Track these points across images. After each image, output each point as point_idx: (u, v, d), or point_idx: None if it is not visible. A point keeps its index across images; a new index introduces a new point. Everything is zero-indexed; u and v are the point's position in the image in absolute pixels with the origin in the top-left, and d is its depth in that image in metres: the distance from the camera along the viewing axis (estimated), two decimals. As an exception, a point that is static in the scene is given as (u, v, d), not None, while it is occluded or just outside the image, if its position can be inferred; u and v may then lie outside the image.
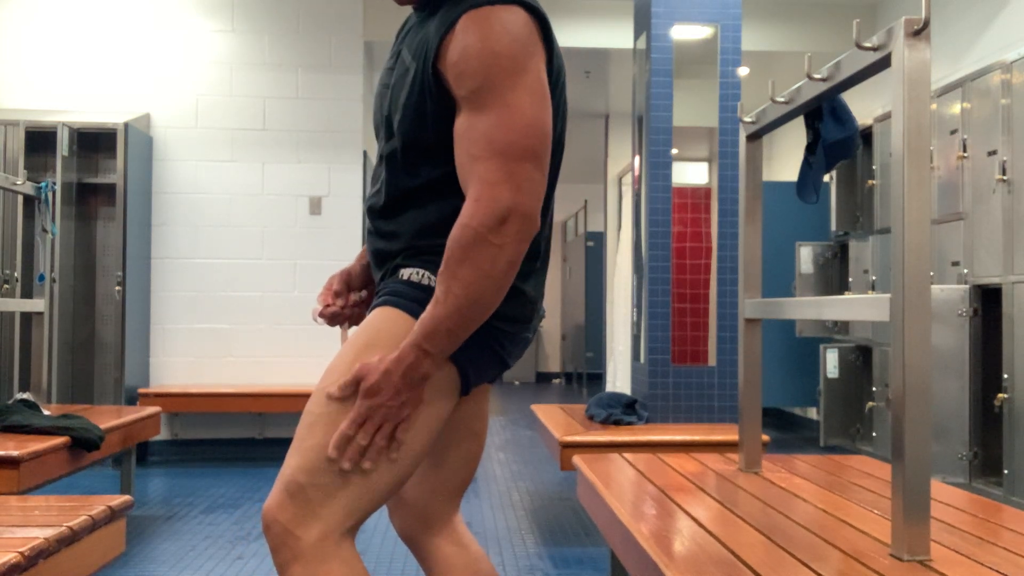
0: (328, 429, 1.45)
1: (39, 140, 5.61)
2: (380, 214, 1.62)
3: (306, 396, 5.66)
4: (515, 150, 1.41)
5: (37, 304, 4.39)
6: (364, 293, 1.82)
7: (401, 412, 1.45)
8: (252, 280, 6.05)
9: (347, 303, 1.80)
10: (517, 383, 12.63)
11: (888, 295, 1.79)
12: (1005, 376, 4.23)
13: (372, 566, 3.49)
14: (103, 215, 5.96)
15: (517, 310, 1.56)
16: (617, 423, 4.00)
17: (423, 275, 1.55)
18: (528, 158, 1.42)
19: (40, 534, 2.00)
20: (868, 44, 1.87)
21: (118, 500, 2.42)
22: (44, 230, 4.42)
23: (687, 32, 4.29)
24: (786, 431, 7.55)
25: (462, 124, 1.45)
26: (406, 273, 1.56)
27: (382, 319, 1.53)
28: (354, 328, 1.79)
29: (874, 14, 6.53)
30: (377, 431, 1.44)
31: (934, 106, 4.83)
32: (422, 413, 1.49)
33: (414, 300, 1.52)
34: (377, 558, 3.60)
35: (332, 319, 1.78)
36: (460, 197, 1.48)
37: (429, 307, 1.44)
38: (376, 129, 1.66)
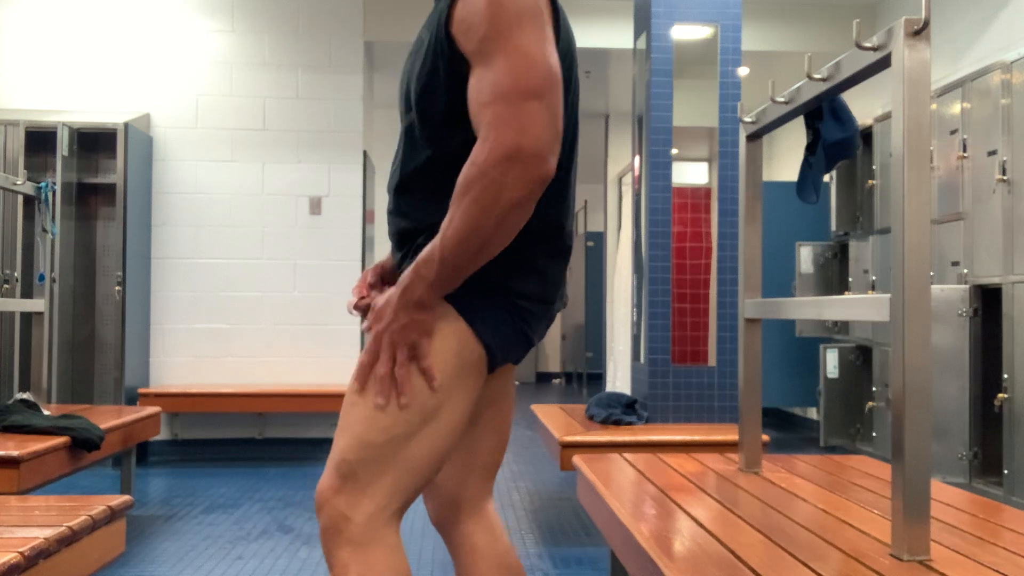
0: (369, 408, 1.49)
1: (39, 140, 5.62)
2: (397, 190, 1.62)
3: (306, 396, 5.66)
4: (519, 91, 1.41)
5: (37, 304, 4.39)
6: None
7: (406, 335, 1.47)
8: (252, 280, 6.05)
9: (382, 295, 1.83)
10: (517, 383, 12.62)
11: (888, 295, 1.79)
12: (1005, 376, 4.23)
13: (372, 566, 3.49)
14: (103, 215, 5.96)
15: (539, 288, 1.58)
16: (617, 423, 4.00)
17: None
18: (533, 97, 1.41)
19: (40, 534, 2.00)
20: (868, 44, 1.87)
21: (118, 500, 2.42)
22: (44, 230, 4.42)
23: (687, 32, 4.29)
24: (786, 431, 7.55)
25: (473, 80, 1.46)
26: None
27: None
28: None
29: (874, 14, 6.53)
30: (392, 360, 1.47)
31: (934, 106, 4.83)
32: (454, 391, 1.51)
33: (460, 296, 1.53)
34: (377, 558, 3.60)
35: (366, 311, 1.79)
36: None
37: (436, 237, 1.46)
38: (401, 116, 1.70)
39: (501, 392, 1.76)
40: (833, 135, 2.53)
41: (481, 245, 1.43)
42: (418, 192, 1.58)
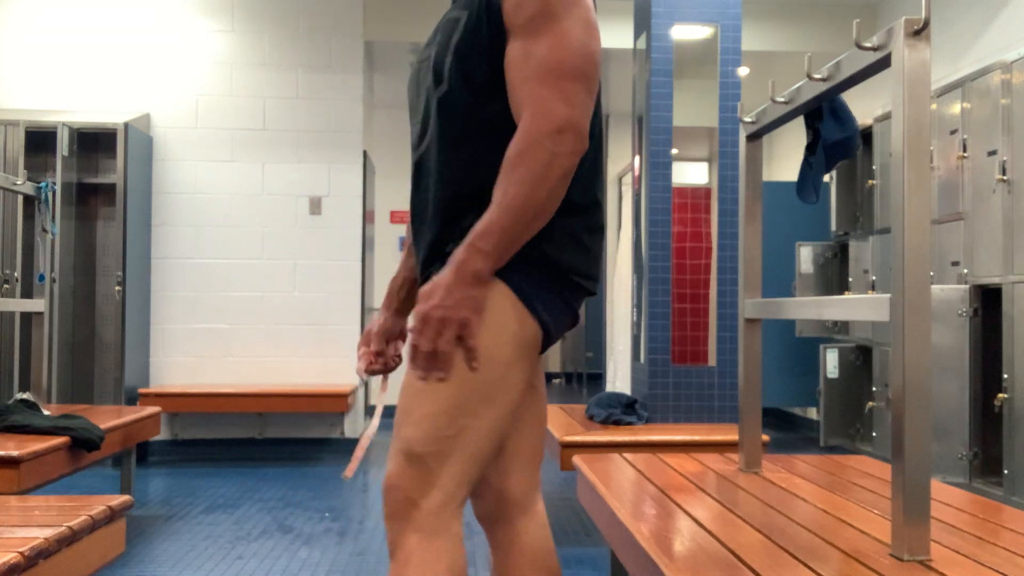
0: (434, 396, 1.49)
1: (39, 140, 5.62)
2: (441, 161, 1.62)
3: (306, 396, 5.66)
4: (566, 70, 1.48)
5: (37, 304, 4.39)
6: (401, 342, 1.88)
7: (458, 311, 1.45)
8: (252, 280, 6.05)
9: (388, 357, 1.85)
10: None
11: (888, 295, 1.79)
12: (1005, 376, 4.23)
13: (374, 564, 3.49)
14: (103, 215, 5.96)
15: (586, 264, 1.61)
16: (617, 423, 4.00)
17: None
18: (579, 78, 1.49)
19: (40, 534, 2.00)
20: (868, 44, 1.87)
21: (118, 500, 2.42)
22: (44, 230, 4.42)
23: (687, 32, 4.29)
24: (786, 431, 7.55)
25: (516, 51, 1.52)
26: (453, 248, 1.57)
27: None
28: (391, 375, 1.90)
29: (874, 14, 6.53)
30: (440, 337, 1.45)
31: (934, 106, 4.83)
32: (512, 371, 1.52)
33: (509, 271, 1.54)
34: (377, 558, 3.60)
35: (375, 373, 1.85)
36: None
37: (489, 209, 1.48)
38: (412, 109, 1.72)
39: (538, 374, 1.78)
40: (833, 135, 2.53)
41: (535, 214, 1.47)
42: (460, 160, 1.59)
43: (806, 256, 6.37)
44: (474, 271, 1.45)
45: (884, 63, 1.85)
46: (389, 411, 8.26)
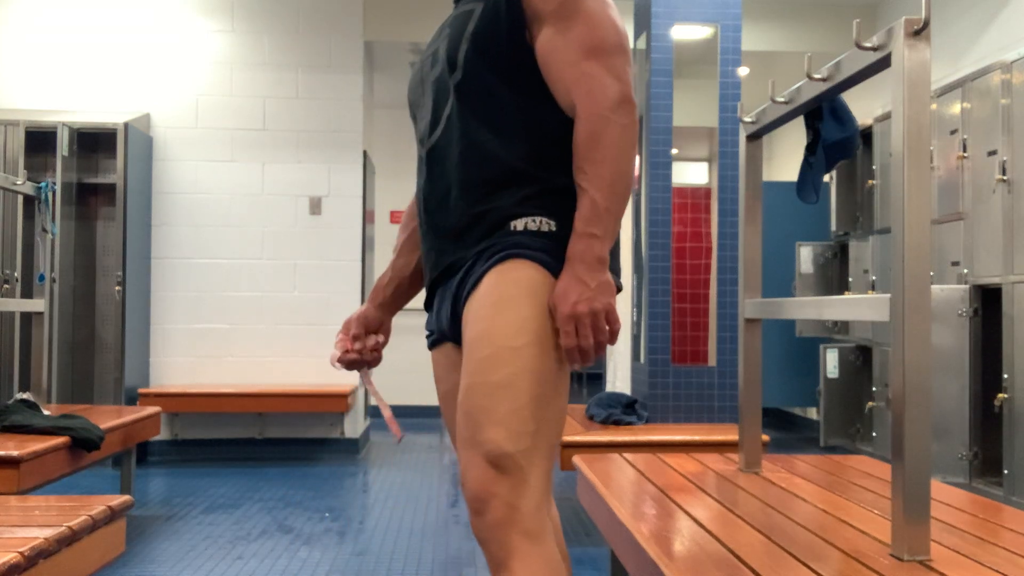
0: (513, 392, 1.46)
1: (39, 140, 5.61)
2: (466, 144, 1.61)
3: (306, 396, 5.66)
4: (608, 47, 1.54)
5: (37, 304, 4.39)
6: (382, 337, 1.85)
7: (600, 300, 1.47)
8: (252, 280, 6.05)
9: (365, 348, 1.83)
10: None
11: (888, 295, 1.79)
12: (1005, 376, 4.23)
13: (374, 565, 3.49)
14: (103, 215, 5.96)
15: (616, 262, 1.62)
16: (617, 423, 4.00)
17: (541, 222, 1.57)
18: (620, 52, 1.55)
19: (40, 534, 2.00)
20: (868, 44, 1.87)
21: (118, 500, 2.42)
22: (44, 230, 4.42)
23: (687, 32, 4.29)
24: (786, 431, 7.55)
25: (551, 40, 1.56)
26: (520, 223, 1.57)
27: (515, 269, 1.53)
28: (374, 371, 1.83)
29: (874, 14, 6.53)
30: (597, 330, 1.47)
31: (934, 106, 4.83)
32: (536, 347, 1.50)
33: (542, 251, 1.55)
34: (377, 558, 3.61)
35: (351, 365, 1.81)
36: (544, 119, 1.57)
37: (580, 200, 1.50)
38: (416, 104, 1.73)
39: None
40: (833, 135, 2.53)
41: (626, 185, 1.51)
42: (488, 141, 1.59)
43: (806, 256, 6.37)
44: (597, 257, 1.48)
45: (884, 63, 1.85)
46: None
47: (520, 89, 1.60)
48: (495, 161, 1.59)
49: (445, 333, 1.69)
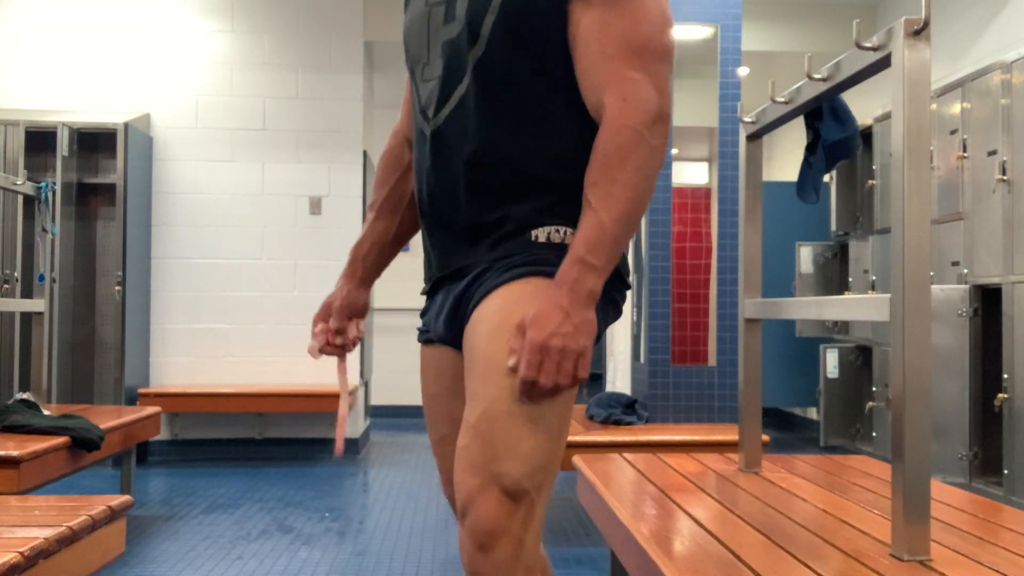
0: (540, 425, 1.35)
1: (39, 140, 5.61)
2: (483, 140, 1.43)
3: (306, 396, 5.66)
4: (654, 49, 1.36)
5: (37, 304, 4.39)
6: (363, 323, 1.71)
7: (577, 340, 1.29)
8: (252, 280, 6.05)
9: (348, 339, 1.69)
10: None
11: (888, 295, 1.79)
12: (1005, 376, 4.23)
13: (374, 565, 3.49)
14: (103, 215, 5.96)
15: (625, 261, 1.52)
16: (617, 423, 4.00)
17: (565, 234, 1.42)
18: (665, 59, 1.37)
19: (40, 534, 2.00)
20: (868, 44, 1.87)
21: (118, 500, 2.42)
22: (44, 230, 4.42)
23: (687, 32, 4.29)
24: (786, 431, 7.55)
25: (592, 21, 1.37)
26: (542, 234, 1.42)
27: (538, 291, 1.36)
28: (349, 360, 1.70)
29: (874, 14, 6.53)
30: (560, 371, 1.29)
31: (934, 106, 4.83)
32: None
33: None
34: (377, 558, 3.61)
35: (331, 354, 1.68)
36: (572, 118, 1.40)
37: (586, 218, 1.32)
38: (415, 58, 1.52)
39: None
40: (833, 135, 2.53)
41: (640, 215, 1.34)
42: (508, 141, 1.42)
43: (806, 256, 6.37)
44: (589, 291, 1.31)
45: (884, 63, 1.85)
46: (379, 410, 8.26)
47: (552, 82, 1.41)
48: (513, 166, 1.43)
49: (442, 336, 1.56)
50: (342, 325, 1.69)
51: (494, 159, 1.43)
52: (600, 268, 1.32)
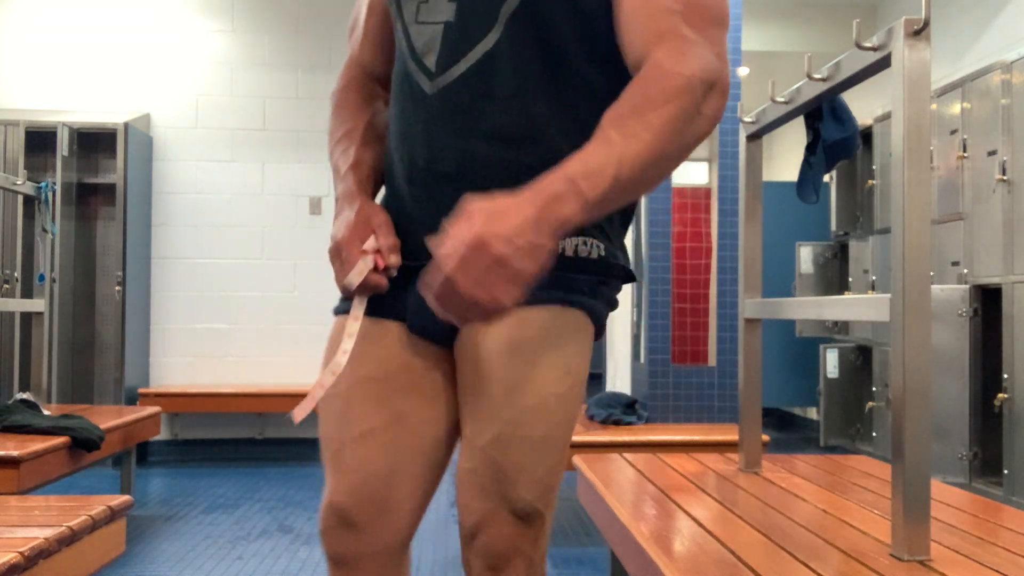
0: (555, 446, 1.28)
1: (39, 140, 5.61)
2: (513, 114, 1.22)
3: (306, 396, 5.65)
4: (716, 14, 1.19)
5: (37, 304, 4.39)
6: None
7: (523, 260, 1.06)
8: (252, 280, 6.05)
9: (393, 265, 1.31)
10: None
11: (888, 295, 1.79)
12: (1005, 376, 4.23)
13: (372, 566, 3.49)
14: (103, 215, 5.96)
15: (627, 253, 1.39)
16: (617, 423, 4.00)
17: (592, 245, 1.27)
18: (724, 25, 1.21)
19: (40, 534, 2.00)
20: (868, 44, 1.87)
21: (118, 500, 2.42)
22: (44, 230, 4.42)
23: (687, 32, 4.28)
24: (786, 431, 7.55)
25: None
26: (570, 245, 1.26)
27: (563, 314, 1.25)
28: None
29: (874, 14, 6.53)
30: (490, 282, 1.06)
31: (934, 106, 4.83)
32: (576, 389, 1.29)
33: (592, 295, 1.28)
34: (377, 558, 3.60)
35: (374, 287, 1.30)
36: (615, 96, 1.16)
37: (597, 144, 1.11)
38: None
39: None
40: (833, 135, 2.53)
41: (657, 174, 1.15)
42: (550, 112, 1.23)
43: (806, 256, 6.37)
44: (564, 217, 1.08)
45: (884, 63, 1.85)
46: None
47: (595, 50, 1.23)
48: (548, 147, 1.22)
49: (425, 327, 1.32)
50: (394, 241, 1.29)
51: (525, 135, 1.23)
52: (588, 202, 1.09)
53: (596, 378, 10.90)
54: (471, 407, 1.29)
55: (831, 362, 5.99)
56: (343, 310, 1.39)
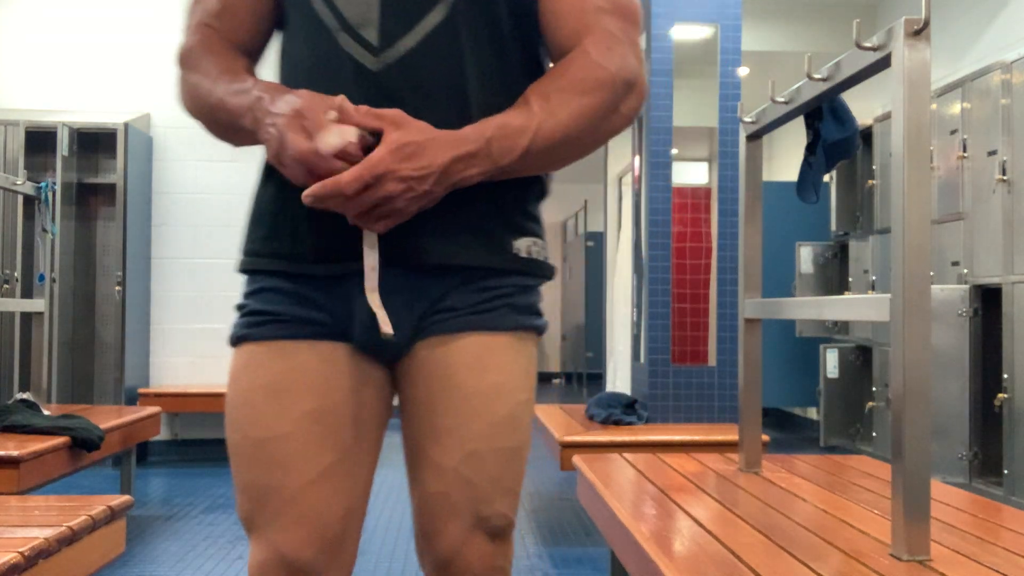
0: (522, 457, 1.26)
1: (39, 140, 5.61)
2: (469, 97, 1.18)
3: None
4: (635, 18, 1.22)
5: (37, 304, 4.39)
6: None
7: (409, 205, 1.08)
8: (252, 280, 6.05)
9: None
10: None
11: (888, 295, 1.79)
12: (1005, 376, 4.23)
13: (372, 566, 3.49)
14: (103, 215, 5.96)
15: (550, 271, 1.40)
16: (617, 423, 4.00)
17: (541, 247, 1.27)
18: (639, 28, 1.24)
19: (40, 534, 2.00)
20: (868, 44, 1.87)
21: (118, 500, 2.42)
22: (44, 230, 4.42)
23: (687, 32, 4.29)
24: (786, 431, 7.55)
25: None
26: (523, 245, 1.24)
27: (503, 356, 1.23)
28: None
29: (874, 14, 6.53)
30: (399, 190, 1.06)
31: (934, 106, 4.83)
32: (533, 393, 1.28)
33: (537, 310, 1.28)
34: (377, 558, 3.61)
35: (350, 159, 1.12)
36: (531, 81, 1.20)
37: (518, 113, 1.13)
38: None
39: None
40: (833, 135, 2.53)
41: (564, 157, 1.17)
42: (499, 97, 1.20)
43: (806, 256, 6.37)
44: (468, 176, 1.11)
45: (884, 63, 1.85)
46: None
47: (517, 28, 1.22)
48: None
49: (377, 343, 1.22)
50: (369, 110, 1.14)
51: (473, 112, 1.17)
52: (495, 167, 1.12)
53: (596, 378, 10.92)
54: (436, 424, 1.22)
55: (831, 362, 6.00)
56: (260, 336, 1.22)
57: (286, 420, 1.19)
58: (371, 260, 1.16)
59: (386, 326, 1.16)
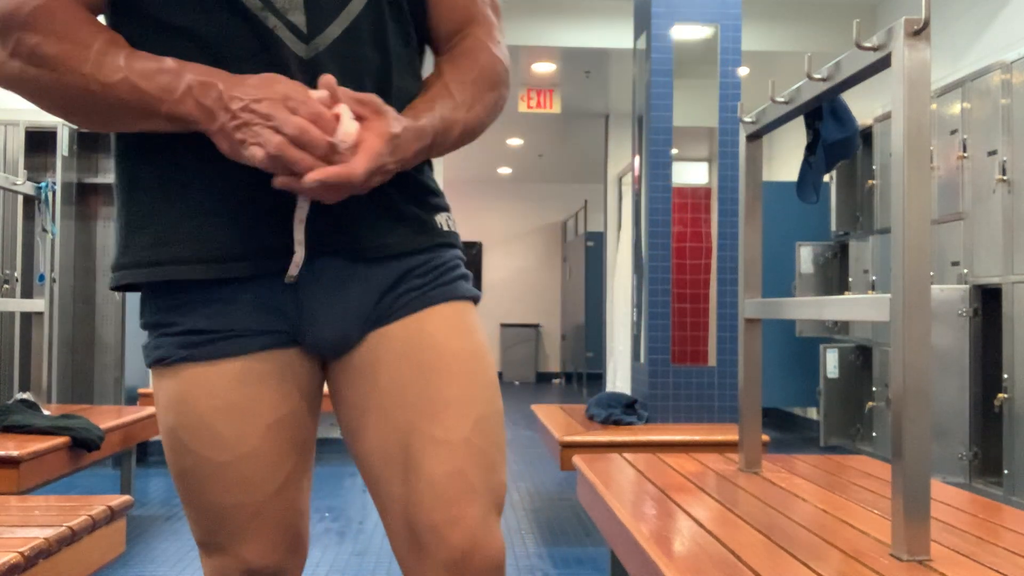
0: (502, 433, 1.21)
1: (39, 140, 5.61)
2: (389, 87, 1.18)
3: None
4: (498, 8, 1.30)
5: (37, 304, 4.39)
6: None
7: (377, 181, 1.08)
8: (252, 280, 6.04)
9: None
10: (517, 383, 12.62)
11: (888, 295, 1.79)
12: (1005, 376, 4.23)
13: (374, 564, 3.49)
14: (103, 215, 5.96)
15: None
16: (617, 423, 4.00)
17: (452, 220, 1.29)
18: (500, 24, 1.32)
19: (40, 534, 2.00)
20: (868, 44, 1.87)
21: (118, 500, 2.42)
22: (44, 230, 4.42)
23: (687, 32, 4.29)
24: (786, 431, 7.55)
25: None
26: (443, 220, 1.26)
27: (475, 320, 1.25)
28: None
29: (874, 14, 6.53)
30: (385, 162, 1.07)
31: (934, 106, 4.83)
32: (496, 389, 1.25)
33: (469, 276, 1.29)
34: (377, 558, 3.61)
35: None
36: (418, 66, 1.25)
37: (448, 104, 1.17)
38: None
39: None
40: (833, 135, 2.53)
41: (461, 145, 1.22)
42: (413, 80, 1.23)
43: (806, 256, 6.37)
44: (410, 164, 1.14)
45: (884, 63, 1.85)
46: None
47: (417, 19, 1.24)
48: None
49: (325, 339, 1.19)
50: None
51: (398, 98, 1.17)
52: (428, 155, 1.17)
53: (596, 378, 10.92)
54: (433, 398, 1.15)
55: (831, 362, 6.00)
56: (206, 355, 1.16)
57: (252, 437, 1.17)
58: (299, 235, 1.11)
59: (295, 268, 1.11)
